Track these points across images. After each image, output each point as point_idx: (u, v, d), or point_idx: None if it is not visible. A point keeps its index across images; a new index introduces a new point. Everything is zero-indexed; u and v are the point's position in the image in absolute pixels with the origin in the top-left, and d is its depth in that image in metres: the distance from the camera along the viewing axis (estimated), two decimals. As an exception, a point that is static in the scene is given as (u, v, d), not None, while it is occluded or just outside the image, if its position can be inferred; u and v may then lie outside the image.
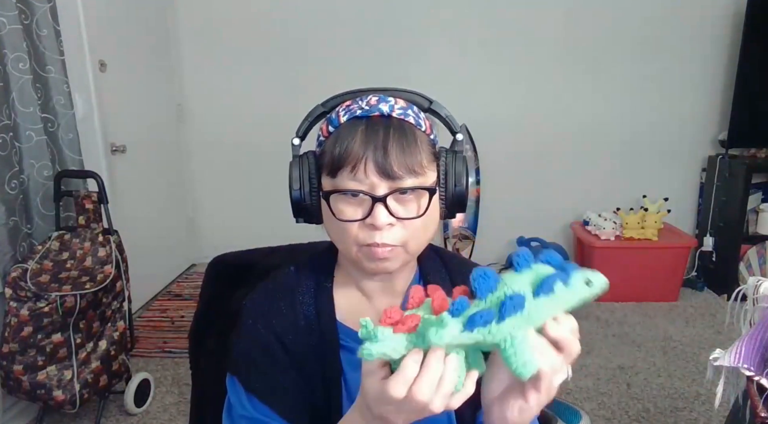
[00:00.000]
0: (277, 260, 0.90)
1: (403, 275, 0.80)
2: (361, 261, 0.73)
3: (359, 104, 0.72)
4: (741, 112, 3.12)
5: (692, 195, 3.55)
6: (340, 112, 0.73)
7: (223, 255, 1.03)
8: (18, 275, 1.83)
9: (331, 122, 0.73)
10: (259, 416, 0.74)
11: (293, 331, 0.76)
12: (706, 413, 2.12)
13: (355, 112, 0.71)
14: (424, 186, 0.70)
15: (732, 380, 1.02)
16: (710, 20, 3.29)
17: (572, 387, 2.30)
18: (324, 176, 0.72)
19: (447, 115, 0.78)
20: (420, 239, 0.73)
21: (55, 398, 1.83)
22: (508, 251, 3.46)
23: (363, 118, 0.70)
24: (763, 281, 1.05)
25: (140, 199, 3.00)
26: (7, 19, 1.91)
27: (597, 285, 0.57)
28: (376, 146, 0.68)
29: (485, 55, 3.44)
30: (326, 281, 0.80)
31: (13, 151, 1.95)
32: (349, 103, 0.73)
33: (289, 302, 0.78)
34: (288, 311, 0.77)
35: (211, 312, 0.98)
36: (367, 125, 0.70)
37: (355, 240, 0.71)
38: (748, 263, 3.20)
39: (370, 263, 0.72)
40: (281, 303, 0.77)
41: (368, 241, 0.70)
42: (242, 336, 0.77)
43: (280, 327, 0.76)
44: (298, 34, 3.45)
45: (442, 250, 0.89)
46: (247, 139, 3.52)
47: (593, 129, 3.49)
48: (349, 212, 0.70)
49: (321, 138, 0.74)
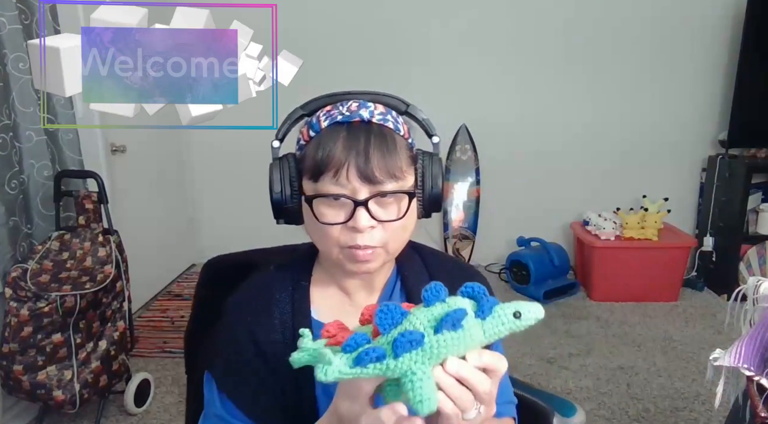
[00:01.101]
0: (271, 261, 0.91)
1: (382, 272, 0.83)
2: (342, 262, 0.75)
3: (340, 109, 0.74)
4: (741, 112, 3.12)
5: (692, 195, 3.55)
6: (321, 116, 0.74)
7: (218, 257, 1.03)
8: (18, 275, 1.83)
9: (312, 127, 0.74)
10: (228, 417, 0.75)
11: (267, 330, 0.77)
12: (706, 413, 2.12)
13: (336, 118, 0.73)
14: (404, 190, 0.73)
15: (732, 380, 1.02)
16: (710, 20, 3.29)
17: (572, 387, 2.30)
18: (306, 180, 0.74)
19: (423, 119, 0.80)
20: (399, 239, 0.76)
21: (55, 398, 1.83)
22: (508, 251, 3.46)
23: (344, 124, 0.72)
24: (763, 281, 1.05)
25: (140, 199, 3.00)
26: (7, 19, 1.91)
27: (528, 317, 0.56)
28: (357, 152, 0.70)
29: (486, 55, 3.45)
30: (304, 279, 0.82)
31: (13, 151, 1.95)
32: (329, 109, 0.75)
33: (265, 301, 0.79)
34: (263, 310, 0.78)
35: (206, 314, 0.98)
36: (348, 131, 0.71)
37: (337, 242, 0.73)
38: (748, 263, 3.20)
39: (352, 264, 0.74)
40: (258, 302, 0.79)
41: (350, 243, 0.72)
42: (219, 334, 0.79)
43: (254, 326, 0.77)
44: (299, 35, 3.45)
45: (421, 246, 0.90)
46: (247, 139, 3.51)
47: (593, 129, 3.50)
48: (330, 215, 0.72)
49: (302, 142, 0.76)
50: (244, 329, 0.77)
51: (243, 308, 0.79)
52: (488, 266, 3.65)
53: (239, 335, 0.77)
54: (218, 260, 1.03)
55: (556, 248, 3.31)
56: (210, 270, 1.02)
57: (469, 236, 3.58)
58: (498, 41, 3.42)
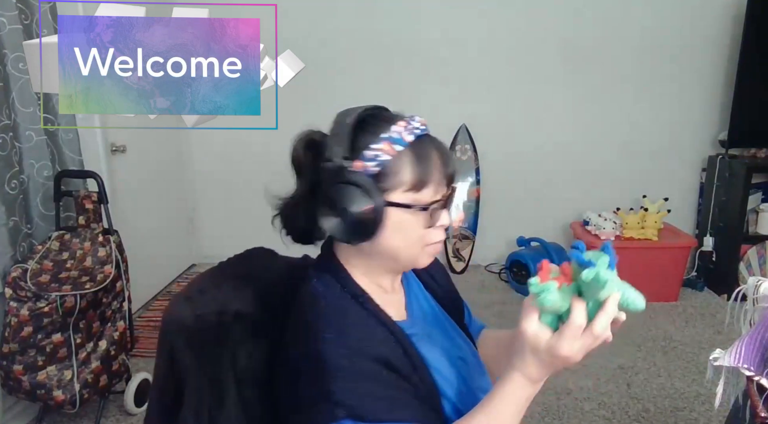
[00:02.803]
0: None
1: None
2: (418, 259, 0.83)
3: (413, 124, 0.80)
4: (741, 112, 3.12)
5: (692, 195, 3.55)
6: (402, 132, 0.79)
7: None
8: (18, 275, 1.83)
9: (397, 141, 0.78)
10: None
11: (379, 343, 0.78)
12: (706, 413, 2.12)
13: (416, 132, 0.80)
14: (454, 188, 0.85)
15: (732, 380, 1.02)
16: (710, 20, 3.29)
17: (572, 387, 2.30)
18: (401, 192, 0.78)
19: None
20: None
21: (55, 398, 1.83)
22: (508, 251, 3.46)
23: (422, 137, 0.81)
24: (763, 281, 1.05)
25: (140, 199, 3.00)
26: (7, 19, 1.91)
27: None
28: (445, 162, 0.81)
29: (486, 55, 3.44)
30: (357, 291, 0.83)
31: (13, 151, 1.95)
32: (404, 124, 0.80)
33: (360, 320, 0.79)
34: (364, 329, 0.78)
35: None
36: (431, 143, 0.81)
37: (423, 242, 0.81)
38: (748, 263, 3.20)
39: (428, 259, 0.84)
40: (357, 329, 0.78)
41: (435, 240, 0.83)
42: (339, 378, 0.73)
43: (368, 347, 0.76)
44: (300, 36, 3.45)
45: None
46: (247, 139, 3.52)
47: (593, 129, 3.50)
48: (423, 220, 0.80)
49: (384, 156, 0.78)
50: (363, 356, 0.75)
51: (353, 339, 0.76)
52: (488, 266, 3.65)
53: (363, 364, 0.74)
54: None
55: (556, 248, 3.31)
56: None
57: (469, 236, 3.58)
58: (498, 41, 3.42)
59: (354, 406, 0.71)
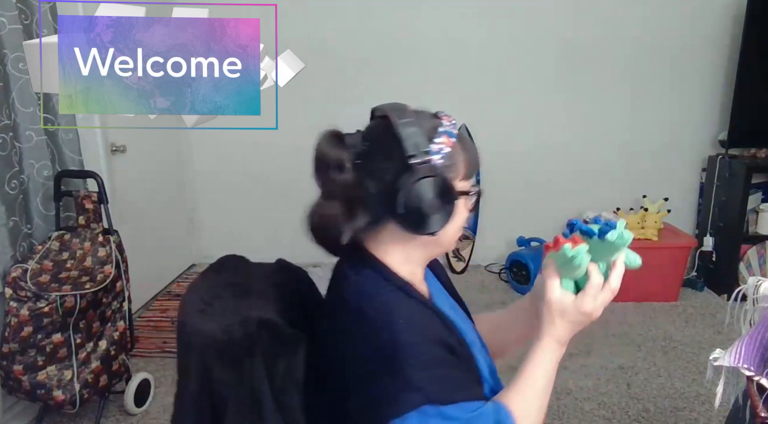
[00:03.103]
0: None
1: None
2: (454, 244, 0.90)
3: (450, 119, 0.86)
4: (741, 112, 3.12)
5: (692, 195, 3.55)
6: (447, 126, 0.85)
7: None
8: (18, 275, 1.83)
9: (451, 135, 0.84)
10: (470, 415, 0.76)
11: (438, 328, 0.83)
12: (706, 413, 2.12)
13: (458, 126, 0.87)
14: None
15: (732, 380, 1.02)
16: (710, 20, 3.29)
17: (572, 387, 2.30)
18: (458, 181, 0.84)
19: None
20: None
21: (55, 398, 1.83)
22: (508, 251, 3.46)
23: (459, 130, 0.87)
24: (763, 281, 1.05)
25: (140, 199, 3.00)
26: (7, 19, 1.91)
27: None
28: (476, 151, 0.88)
29: (486, 55, 3.44)
30: (400, 282, 0.85)
31: (13, 151, 1.95)
32: (449, 118, 0.87)
33: (416, 308, 0.82)
34: (421, 316, 0.82)
35: None
36: (465, 135, 0.90)
37: (461, 228, 0.88)
38: (748, 263, 3.20)
39: (456, 243, 0.92)
40: (418, 318, 0.81)
41: (465, 225, 0.89)
42: (415, 366, 0.75)
43: (432, 333, 0.80)
44: (300, 43, 3.45)
45: None
46: (247, 139, 3.51)
47: (593, 129, 3.50)
48: (467, 206, 0.87)
49: (446, 149, 0.83)
50: (430, 340, 0.79)
51: (419, 325, 0.80)
52: (488, 266, 3.65)
53: (431, 347, 0.78)
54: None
55: (556, 248, 3.31)
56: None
57: (469, 236, 3.58)
58: (498, 41, 3.42)
59: (431, 391, 0.74)
